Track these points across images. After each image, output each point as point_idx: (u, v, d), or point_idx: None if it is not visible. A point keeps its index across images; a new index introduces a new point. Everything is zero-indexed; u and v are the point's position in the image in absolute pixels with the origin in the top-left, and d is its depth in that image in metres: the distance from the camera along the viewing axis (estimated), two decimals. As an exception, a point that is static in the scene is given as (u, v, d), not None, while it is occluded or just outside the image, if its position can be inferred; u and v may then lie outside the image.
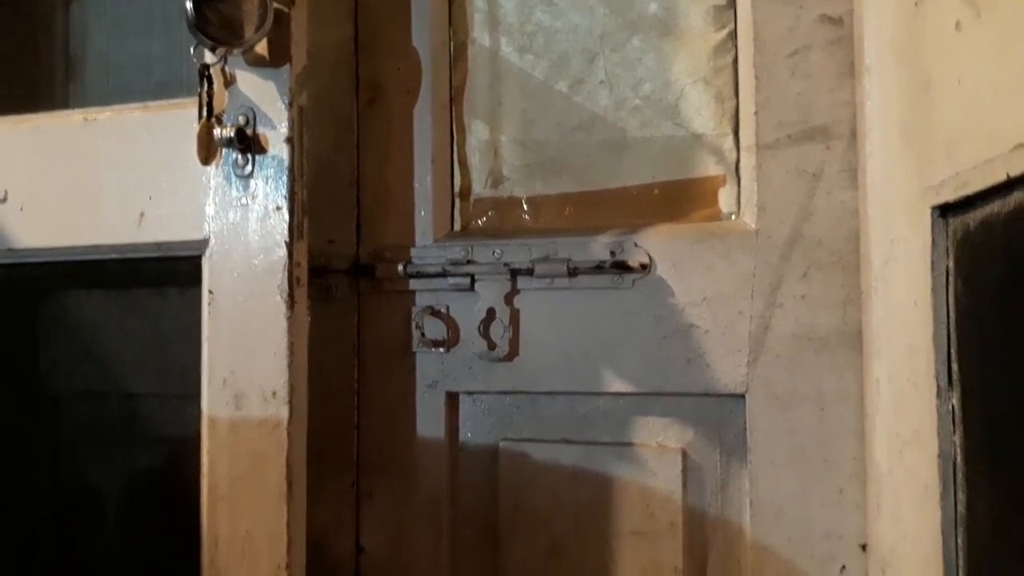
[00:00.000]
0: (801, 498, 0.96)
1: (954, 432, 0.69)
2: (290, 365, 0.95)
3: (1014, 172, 0.55)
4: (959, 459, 0.69)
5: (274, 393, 0.95)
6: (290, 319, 0.95)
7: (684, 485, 1.01)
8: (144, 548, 1.12)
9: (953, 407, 0.69)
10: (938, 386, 0.70)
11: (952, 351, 0.69)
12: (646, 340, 1.02)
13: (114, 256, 1.04)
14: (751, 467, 0.98)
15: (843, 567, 0.95)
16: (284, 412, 0.95)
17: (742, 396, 0.99)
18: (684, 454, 1.02)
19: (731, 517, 1.01)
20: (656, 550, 1.01)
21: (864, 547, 0.94)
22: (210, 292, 0.98)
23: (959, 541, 0.68)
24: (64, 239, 1.05)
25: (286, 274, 0.95)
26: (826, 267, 0.96)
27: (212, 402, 0.98)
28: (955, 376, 0.69)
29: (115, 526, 1.15)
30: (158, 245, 1.01)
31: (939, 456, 0.70)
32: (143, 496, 1.14)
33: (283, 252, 0.95)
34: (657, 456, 1.02)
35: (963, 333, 0.68)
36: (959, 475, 0.69)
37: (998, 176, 0.57)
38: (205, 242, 0.98)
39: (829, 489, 0.95)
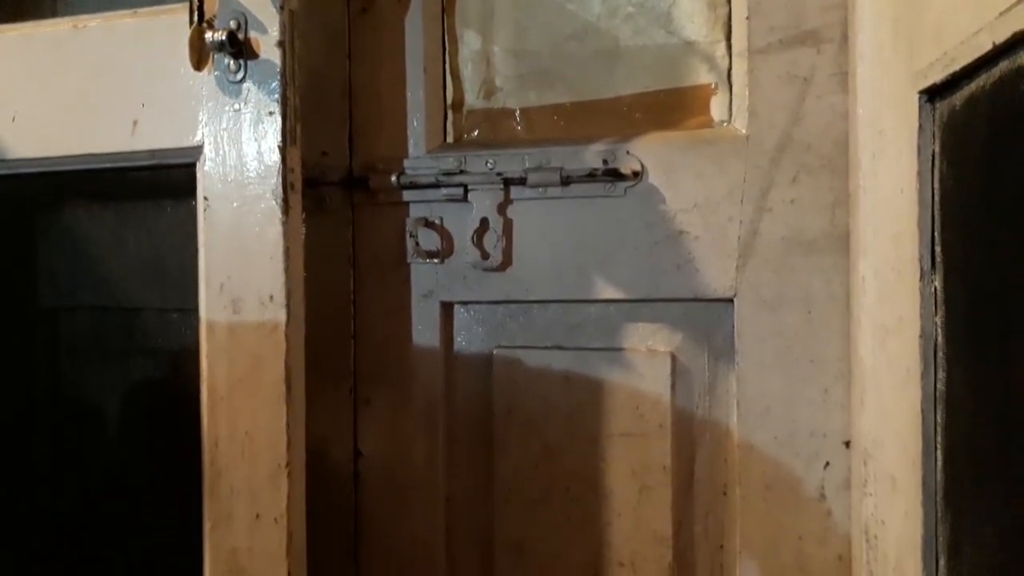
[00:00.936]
0: (787, 398, 0.99)
1: (936, 313, 0.71)
2: (286, 269, 0.96)
3: (999, 39, 0.55)
4: (940, 339, 0.71)
5: (271, 297, 0.97)
6: (285, 224, 0.96)
7: (673, 387, 1.04)
8: (146, 456, 1.15)
9: (936, 288, 0.71)
10: (921, 269, 0.72)
11: (936, 234, 0.71)
12: (637, 247, 1.03)
13: (108, 165, 1.04)
14: (738, 369, 1.00)
15: (827, 464, 0.98)
16: (281, 315, 0.96)
17: (730, 300, 1.01)
18: (673, 358, 1.04)
19: (719, 418, 1.03)
20: (645, 450, 1.04)
21: (848, 444, 0.97)
22: (205, 199, 0.99)
23: (937, 418, 0.71)
24: (58, 148, 1.05)
25: (280, 179, 0.95)
26: (815, 171, 0.97)
27: (210, 307, 0.99)
28: (938, 258, 0.71)
29: (116, 436, 1.17)
30: (152, 153, 1.01)
31: (921, 337, 0.72)
32: (143, 406, 1.17)
33: (276, 157, 0.95)
34: (647, 360, 1.05)
35: (947, 214, 0.70)
36: (939, 354, 0.71)
37: (984, 47, 0.58)
38: (199, 148, 0.99)
39: (815, 389, 0.98)
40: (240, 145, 0.96)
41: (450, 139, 1.13)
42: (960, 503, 0.69)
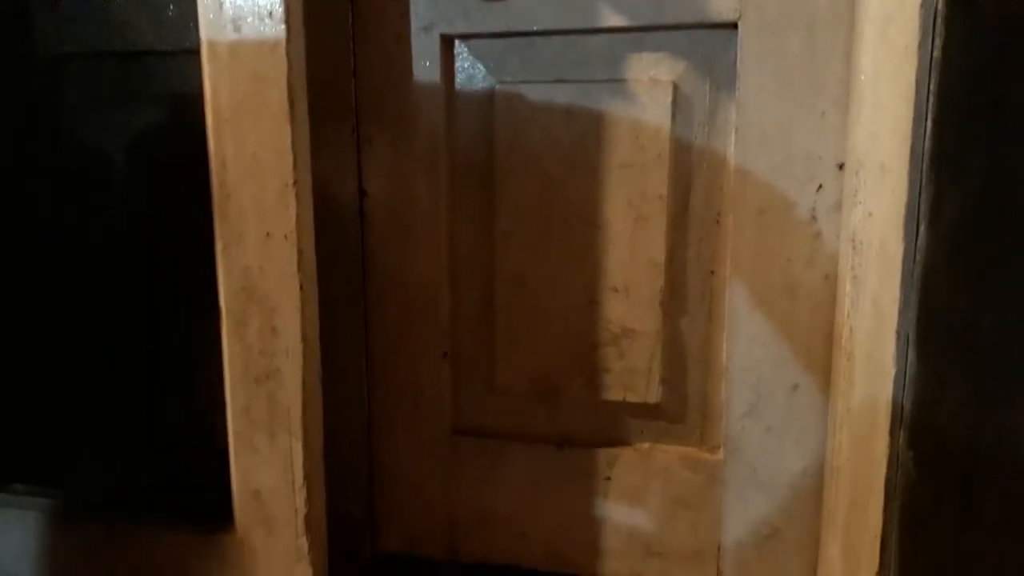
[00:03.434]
0: (785, 123, 1.00)
1: (939, -22, 0.71)
2: (284, -17, 0.95)
3: None
4: (940, 5, 0.71)
5: (270, 14, 0.96)
6: (281, -67, 0.94)
7: (673, 117, 1.05)
8: (159, 191, 1.17)
9: (942, -48, 0.70)
10: (929, -67, 0.71)
11: None
12: (642, -29, 1.01)
13: None
14: (739, 95, 1.01)
15: (820, 186, 1.00)
16: (282, 32, 0.96)
17: (734, 25, 1.00)
18: (675, 87, 1.04)
19: (716, 147, 1.05)
20: (643, 180, 1.06)
21: (841, 166, 0.99)
22: (198, -90, 0.96)
23: (931, 86, 0.72)
24: None
25: None
26: None
27: (210, 28, 0.98)
28: (947, -80, 0.70)
29: (127, 178, 1.19)
30: None
31: (922, 7, 0.72)
32: (152, 148, 1.18)
33: None
34: (648, 90, 1.05)
35: None
36: (938, 21, 0.71)
37: None
38: None
39: (813, 113, 0.99)
40: None
41: None
42: (944, 165, 0.72)
